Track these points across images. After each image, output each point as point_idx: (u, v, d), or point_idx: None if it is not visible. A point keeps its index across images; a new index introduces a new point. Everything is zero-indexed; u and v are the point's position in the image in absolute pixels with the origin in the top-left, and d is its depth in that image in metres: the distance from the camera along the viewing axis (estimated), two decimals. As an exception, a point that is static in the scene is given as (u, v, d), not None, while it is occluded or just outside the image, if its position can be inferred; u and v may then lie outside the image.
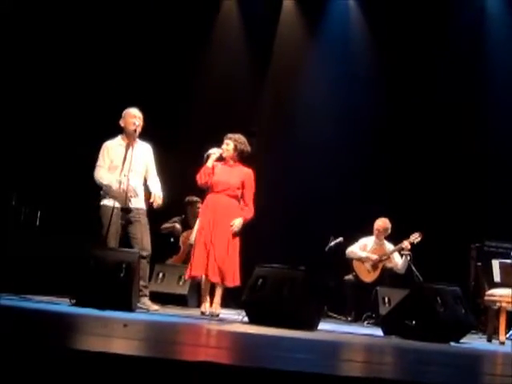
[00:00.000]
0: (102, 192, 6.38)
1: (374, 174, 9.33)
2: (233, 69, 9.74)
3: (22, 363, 2.21)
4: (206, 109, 9.36)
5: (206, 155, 6.48)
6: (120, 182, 6.25)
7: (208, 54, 9.76)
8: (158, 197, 6.31)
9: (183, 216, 8.65)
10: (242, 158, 6.57)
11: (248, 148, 6.55)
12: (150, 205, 6.35)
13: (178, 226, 8.65)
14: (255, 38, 9.80)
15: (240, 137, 6.54)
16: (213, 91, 9.53)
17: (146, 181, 6.47)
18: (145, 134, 6.54)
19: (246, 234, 6.67)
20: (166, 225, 8.61)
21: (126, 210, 6.25)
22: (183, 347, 3.38)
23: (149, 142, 6.60)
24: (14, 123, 8.43)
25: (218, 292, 6.42)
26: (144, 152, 6.48)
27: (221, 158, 6.54)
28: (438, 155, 9.31)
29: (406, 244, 8.00)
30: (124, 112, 6.48)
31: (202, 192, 6.77)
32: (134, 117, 6.40)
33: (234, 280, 6.32)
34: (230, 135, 6.54)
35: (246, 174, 6.51)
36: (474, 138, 9.25)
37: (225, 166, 6.51)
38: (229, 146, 6.50)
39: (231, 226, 6.34)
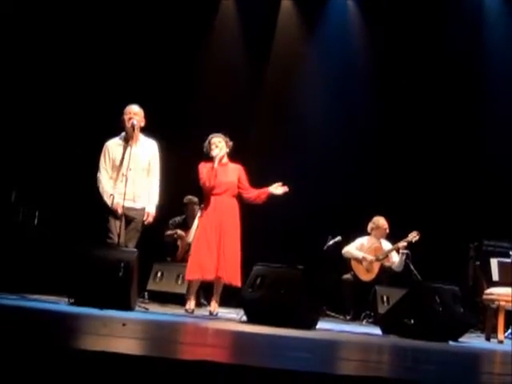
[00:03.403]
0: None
1: (372, 172, 9.34)
2: (231, 69, 9.74)
3: (21, 362, 2.21)
4: (205, 109, 9.35)
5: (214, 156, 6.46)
6: (119, 181, 6.26)
7: (207, 54, 9.75)
8: (150, 215, 6.33)
9: (183, 216, 8.62)
10: (229, 154, 6.62)
11: (231, 143, 6.63)
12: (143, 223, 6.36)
13: (179, 231, 8.60)
14: (254, 38, 9.80)
15: (221, 134, 6.58)
16: (211, 91, 9.52)
17: None
18: (145, 134, 6.54)
19: (245, 232, 6.67)
20: (169, 232, 8.59)
21: (125, 215, 6.27)
22: (182, 346, 3.38)
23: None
24: (14, 123, 8.43)
25: (218, 291, 6.44)
26: (147, 149, 6.45)
27: (210, 159, 6.54)
28: (436, 154, 9.32)
29: (402, 244, 8.03)
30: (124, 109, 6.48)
31: (201, 192, 6.77)
32: (129, 114, 6.38)
33: (238, 280, 6.35)
34: (215, 135, 6.56)
35: (239, 169, 6.60)
36: (473, 136, 9.26)
37: (218, 167, 6.50)
38: (221, 143, 6.53)
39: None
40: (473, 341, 6.44)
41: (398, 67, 9.49)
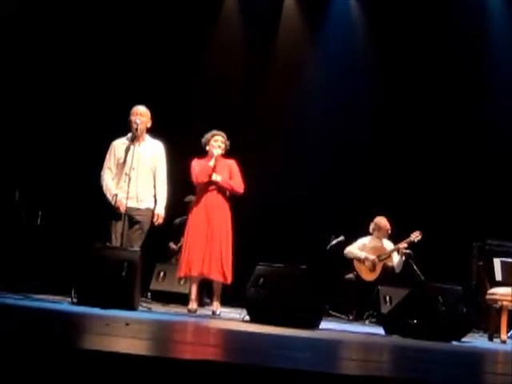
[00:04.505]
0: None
1: (374, 172, 9.34)
2: (234, 67, 9.74)
3: (24, 362, 2.21)
4: (207, 107, 9.36)
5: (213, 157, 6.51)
6: (122, 181, 6.28)
7: (210, 53, 9.76)
8: (160, 217, 6.34)
9: (185, 217, 8.62)
10: (224, 155, 6.68)
11: (228, 145, 6.69)
12: (152, 224, 6.35)
13: (172, 245, 8.70)
14: (257, 37, 9.81)
15: (224, 134, 6.65)
16: (214, 90, 9.53)
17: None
18: (151, 135, 6.54)
19: (248, 232, 6.68)
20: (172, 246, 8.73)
21: (128, 215, 6.27)
22: (184, 346, 3.38)
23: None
24: (19, 122, 8.44)
25: (218, 290, 6.45)
26: (152, 150, 6.46)
27: (204, 155, 6.59)
28: (440, 153, 9.32)
29: (402, 245, 8.02)
30: None
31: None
32: (133, 114, 6.41)
33: (229, 277, 6.38)
34: (217, 132, 6.63)
35: (230, 164, 6.63)
36: (476, 135, 9.26)
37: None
38: (223, 144, 6.60)
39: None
40: (476, 341, 6.44)
41: (401, 65, 9.49)
